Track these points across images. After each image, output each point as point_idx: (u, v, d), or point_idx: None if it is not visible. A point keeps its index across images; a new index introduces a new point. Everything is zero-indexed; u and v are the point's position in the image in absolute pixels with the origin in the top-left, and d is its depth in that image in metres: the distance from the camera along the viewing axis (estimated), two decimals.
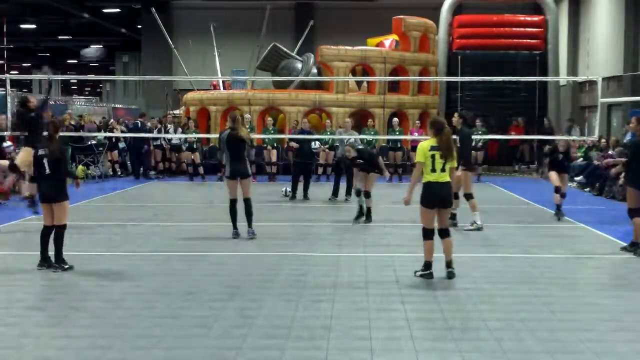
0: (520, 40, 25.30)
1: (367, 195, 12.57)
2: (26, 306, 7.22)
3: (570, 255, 10.03)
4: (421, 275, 8.39)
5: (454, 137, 10.10)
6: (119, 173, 22.05)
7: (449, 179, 8.39)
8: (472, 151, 21.29)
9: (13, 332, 6.34)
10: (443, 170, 8.29)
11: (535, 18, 26.01)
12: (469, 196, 11.99)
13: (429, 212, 8.35)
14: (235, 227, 11.04)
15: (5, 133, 15.69)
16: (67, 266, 8.72)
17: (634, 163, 10.27)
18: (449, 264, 8.46)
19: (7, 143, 17.20)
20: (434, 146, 8.31)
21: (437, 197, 8.31)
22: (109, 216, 13.51)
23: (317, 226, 12.55)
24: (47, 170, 8.77)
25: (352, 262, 9.36)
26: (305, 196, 15.98)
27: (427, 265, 8.41)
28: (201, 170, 20.97)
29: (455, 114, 12.61)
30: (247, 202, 10.99)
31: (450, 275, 8.39)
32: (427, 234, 8.41)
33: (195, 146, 21.20)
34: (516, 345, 6.00)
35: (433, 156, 8.27)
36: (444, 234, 8.46)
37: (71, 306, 7.15)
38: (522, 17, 26.24)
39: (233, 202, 11.08)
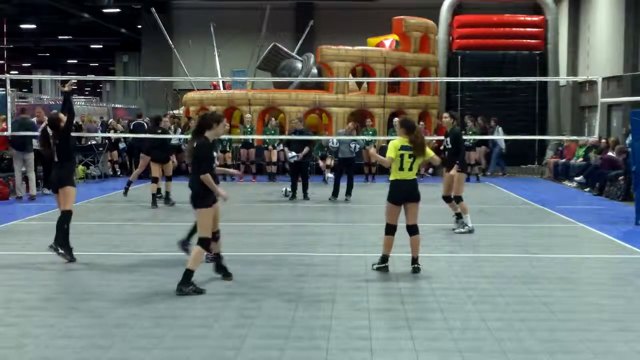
0: (520, 41, 25.31)
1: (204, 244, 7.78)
2: (26, 306, 7.22)
3: (570, 255, 10.04)
4: (378, 269, 8.67)
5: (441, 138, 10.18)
6: (119, 173, 22.05)
7: (415, 176, 8.69)
8: (466, 151, 21.37)
9: (13, 332, 6.34)
10: (410, 169, 8.60)
11: (535, 18, 26.02)
12: (458, 199, 11.83)
13: (394, 209, 8.69)
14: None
15: (5, 133, 15.68)
16: (61, 251, 9.10)
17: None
18: (414, 260, 8.72)
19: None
20: (404, 146, 8.59)
21: (404, 193, 8.63)
22: (109, 216, 13.51)
23: (317, 226, 12.55)
24: (56, 159, 9.30)
25: (352, 262, 9.36)
26: (305, 196, 15.98)
27: (384, 258, 8.73)
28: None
29: (446, 114, 12.43)
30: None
31: (415, 271, 8.63)
32: (389, 230, 8.71)
33: None
34: (516, 345, 6.00)
35: (402, 155, 8.57)
36: (413, 231, 8.72)
37: (71, 306, 7.16)
38: (522, 17, 26.26)
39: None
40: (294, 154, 15.80)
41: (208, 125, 7.71)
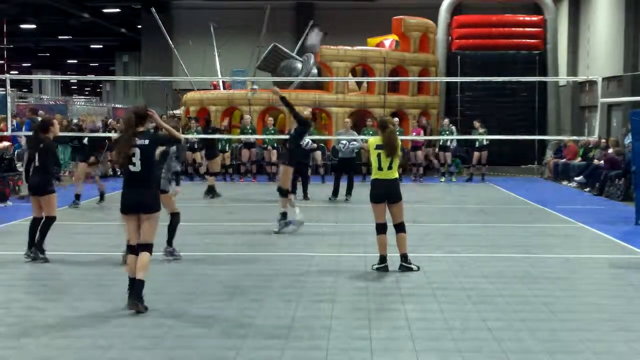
0: (520, 40, 25.28)
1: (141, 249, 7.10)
2: (26, 306, 7.22)
3: (570, 255, 10.03)
4: (377, 269, 8.71)
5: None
6: (119, 173, 22.04)
7: (396, 176, 8.76)
8: (476, 152, 21.35)
9: (13, 332, 6.34)
10: (390, 167, 8.66)
11: (535, 18, 25.99)
12: (284, 192, 11.61)
13: (376, 207, 8.76)
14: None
15: (5, 133, 15.69)
16: (42, 256, 9.20)
17: None
18: (403, 258, 8.77)
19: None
20: (379, 145, 8.68)
21: (383, 193, 8.70)
22: (109, 216, 13.49)
23: (317, 226, 12.54)
24: (37, 163, 9.32)
25: (352, 262, 9.36)
26: (305, 196, 15.96)
27: (382, 259, 8.75)
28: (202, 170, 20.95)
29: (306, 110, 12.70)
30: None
31: (403, 269, 8.68)
32: (379, 229, 8.77)
33: (195, 146, 21.15)
34: (516, 345, 6.00)
35: (379, 155, 8.65)
36: (399, 229, 8.77)
37: (71, 306, 7.15)
38: (521, 17, 26.22)
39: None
40: (309, 141, 15.75)
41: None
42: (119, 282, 8.15)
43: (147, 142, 7.06)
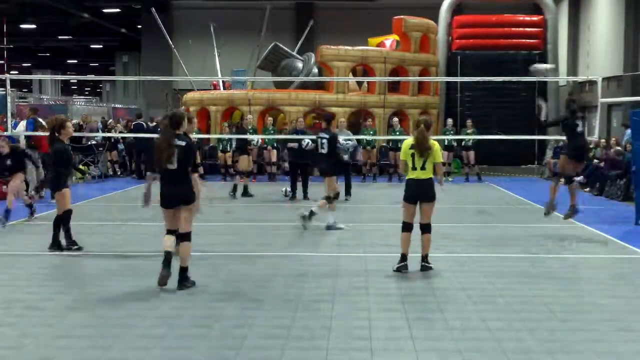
0: (520, 41, 25.29)
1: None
2: (26, 306, 7.22)
3: (570, 255, 10.03)
4: (398, 269, 8.67)
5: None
6: (119, 173, 22.06)
7: (431, 176, 8.73)
8: (463, 151, 21.50)
9: (13, 332, 6.34)
10: (423, 168, 8.67)
11: (535, 18, 26.00)
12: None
13: (407, 207, 8.78)
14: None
15: (5, 133, 15.67)
16: (75, 247, 9.86)
17: None
18: (424, 258, 8.80)
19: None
20: (412, 145, 8.73)
21: (416, 193, 8.72)
22: (109, 216, 13.51)
23: (317, 226, 12.53)
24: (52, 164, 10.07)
25: (352, 262, 9.36)
26: (305, 196, 15.95)
27: (403, 257, 8.74)
28: (201, 170, 20.94)
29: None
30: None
31: (424, 269, 8.71)
32: (405, 227, 8.79)
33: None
34: (516, 345, 6.00)
35: (413, 154, 8.71)
36: (425, 229, 8.77)
37: (71, 306, 7.16)
38: (521, 17, 26.23)
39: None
40: (308, 140, 15.58)
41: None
42: (119, 282, 8.16)
43: (184, 143, 7.84)
